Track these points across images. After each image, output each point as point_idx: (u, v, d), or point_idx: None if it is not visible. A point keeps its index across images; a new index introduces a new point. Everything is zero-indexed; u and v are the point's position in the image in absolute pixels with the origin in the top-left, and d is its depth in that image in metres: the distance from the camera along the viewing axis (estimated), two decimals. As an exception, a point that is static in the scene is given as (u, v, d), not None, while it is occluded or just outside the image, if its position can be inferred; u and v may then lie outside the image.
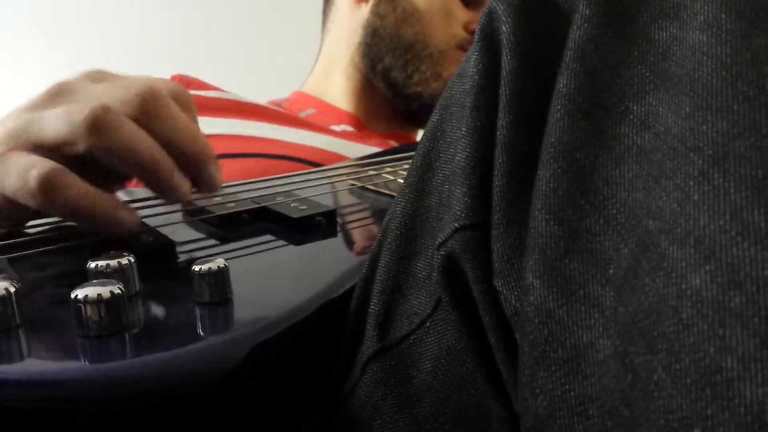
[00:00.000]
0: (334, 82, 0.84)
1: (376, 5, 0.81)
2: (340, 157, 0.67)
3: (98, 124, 0.32)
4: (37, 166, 0.32)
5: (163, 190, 0.35)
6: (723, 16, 0.19)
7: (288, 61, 1.06)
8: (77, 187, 0.32)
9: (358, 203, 0.45)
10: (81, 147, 0.33)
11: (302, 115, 0.81)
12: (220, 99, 0.72)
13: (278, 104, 0.84)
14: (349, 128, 0.79)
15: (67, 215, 0.34)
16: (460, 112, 0.26)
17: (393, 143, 0.77)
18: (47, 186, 0.32)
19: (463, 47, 0.81)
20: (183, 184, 0.35)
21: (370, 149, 0.69)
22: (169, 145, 0.34)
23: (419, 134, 0.91)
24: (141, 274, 0.30)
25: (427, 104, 0.80)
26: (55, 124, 0.33)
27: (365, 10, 0.82)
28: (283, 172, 0.60)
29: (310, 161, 0.64)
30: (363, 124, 0.81)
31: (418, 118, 0.85)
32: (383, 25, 0.80)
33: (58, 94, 0.36)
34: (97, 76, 0.38)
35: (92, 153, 0.33)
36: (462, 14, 0.81)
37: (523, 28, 0.24)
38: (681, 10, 0.21)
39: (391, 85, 0.81)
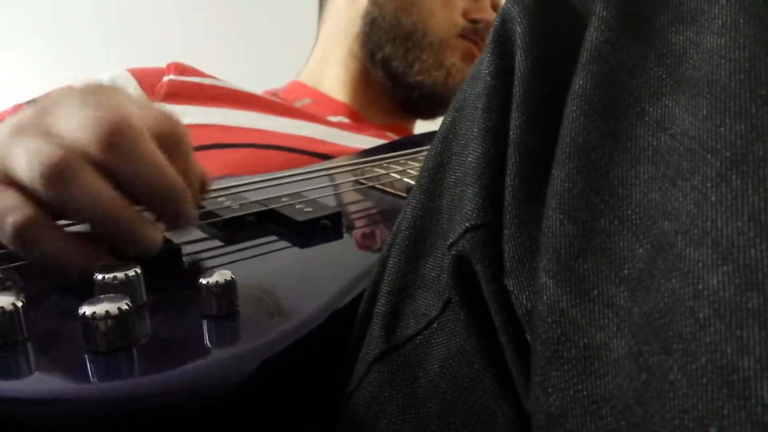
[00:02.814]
0: (331, 72, 0.83)
1: None
2: (336, 147, 0.66)
3: (54, 175, 0.30)
4: (13, 214, 0.31)
5: (129, 243, 0.32)
6: (741, 21, 0.19)
7: (285, 51, 1.04)
8: (49, 240, 0.31)
9: (364, 203, 0.45)
10: (43, 197, 0.31)
11: (298, 104, 0.80)
12: (214, 87, 0.71)
13: (274, 94, 0.83)
14: (345, 119, 0.78)
15: (41, 263, 0.32)
16: (473, 114, 0.26)
17: (390, 134, 0.77)
18: (22, 237, 0.31)
19: (464, 35, 0.80)
20: (149, 236, 0.32)
21: (366, 139, 0.68)
22: (135, 186, 0.32)
23: (416, 126, 0.90)
24: (147, 281, 0.29)
25: (428, 93, 0.79)
26: (23, 166, 0.31)
27: (363, 1, 0.81)
28: (277, 163, 0.58)
29: (305, 151, 0.63)
30: (359, 116, 0.80)
31: (417, 108, 0.84)
32: (382, 14, 0.79)
33: (41, 115, 0.33)
34: (85, 97, 0.34)
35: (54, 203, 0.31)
36: (461, 2, 0.80)
37: (537, 29, 0.24)
38: (698, 14, 0.21)
39: (392, 75, 0.80)
